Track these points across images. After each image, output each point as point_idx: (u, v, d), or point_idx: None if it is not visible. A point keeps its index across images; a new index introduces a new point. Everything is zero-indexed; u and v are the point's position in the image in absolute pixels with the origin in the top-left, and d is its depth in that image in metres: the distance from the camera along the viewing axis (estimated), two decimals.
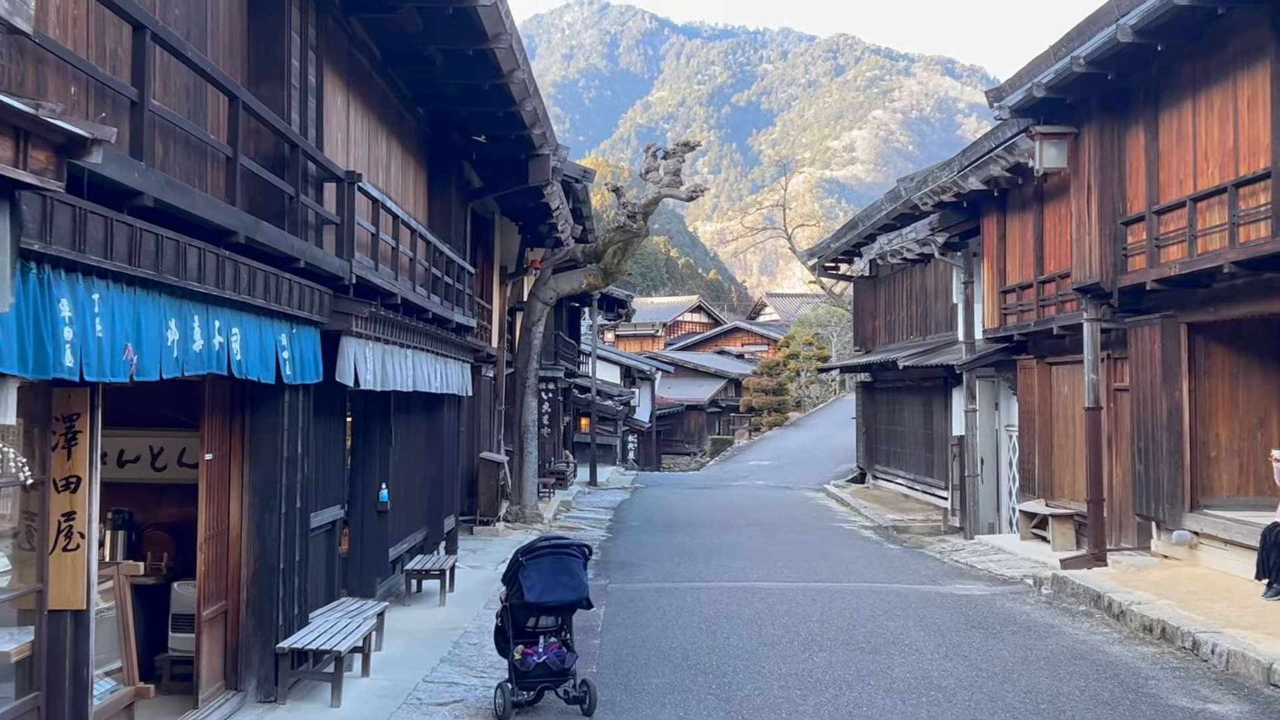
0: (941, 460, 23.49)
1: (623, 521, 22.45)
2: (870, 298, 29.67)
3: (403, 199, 12.78)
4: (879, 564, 16.13)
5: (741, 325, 79.66)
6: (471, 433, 19.69)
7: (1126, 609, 11.20)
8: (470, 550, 16.96)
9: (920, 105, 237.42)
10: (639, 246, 21.04)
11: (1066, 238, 15.35)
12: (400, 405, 12.54)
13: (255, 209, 7.59)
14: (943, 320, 23.67)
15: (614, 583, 14.26)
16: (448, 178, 14.22)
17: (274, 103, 7.77)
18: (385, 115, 11.96)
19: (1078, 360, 16.05)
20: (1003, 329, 17.68)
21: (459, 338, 14.38)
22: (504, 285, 20.46)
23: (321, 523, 9.59)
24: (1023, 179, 15.91)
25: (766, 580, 14.38)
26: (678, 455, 57.27)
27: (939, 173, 17.89)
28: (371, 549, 11.85)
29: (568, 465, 31.10)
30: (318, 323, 8.36)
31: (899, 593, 13.36)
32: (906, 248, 19.95)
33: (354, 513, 11.89)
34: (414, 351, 11.40)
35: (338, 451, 10.15)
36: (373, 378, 9.51)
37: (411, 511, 13.37)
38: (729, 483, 34.18)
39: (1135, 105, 12.99)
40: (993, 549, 17.15)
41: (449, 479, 14.79)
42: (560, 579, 7.75)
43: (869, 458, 30.11)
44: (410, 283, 11.30)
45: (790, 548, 17.95)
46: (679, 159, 20.23)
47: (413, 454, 13.40)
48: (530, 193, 15.90)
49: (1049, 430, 17.29)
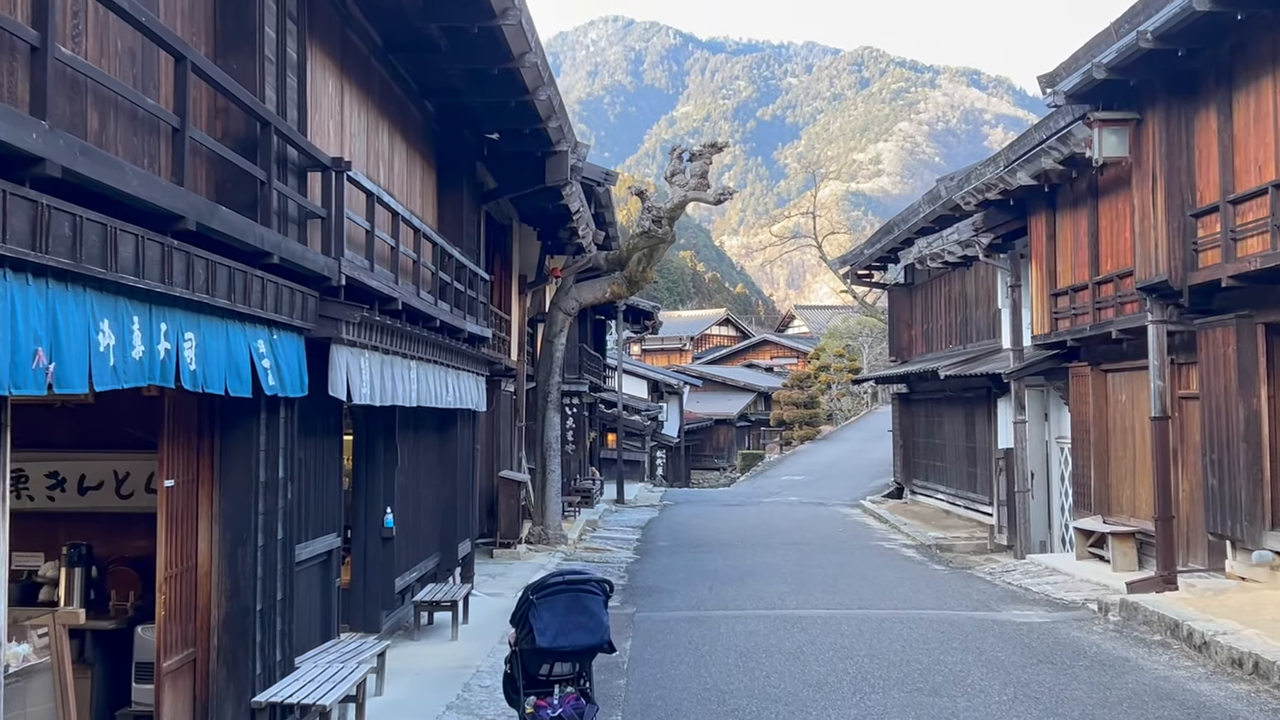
0: (985, 474, 22.34)
1: (651, 542, 21.40)
2: (906, 306, 28.55)
3: (408, 198, 11.82)
4: (926, 587, 15.01)
5: (770, 338, 78.43)
6: (491, 450, 18.72)
7: (1210, 640, 10.06)
8: (489, 576, 15.95)
9: (946, 117, 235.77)
10: (664, 253, 20.04)
11: (1126, 234, 14.24)
12: (407, 422, 11.56)
13: (224, 198, 6.63)
14: (984, 328, 22.54)
15: (642, 611, 13.22)
16: (459, 177, 13.26)
17: (245, 77, 6.81)
18: (387, 107, 11.01)
19: (1138, 366, 14.93)
20: (1054, 334, 16.55)
21: (473, 349, 13.40)
22: (523, 295, 19.49)
23: (313, 554, 8.61)
24: (1077, 172, 14.80)
25: (807, 607, 13.30)
26: (707, 470, 56.12)
27: (982, 169, 16.82)
28: (376, 579, 10.86)
29: (593, 483, 30.07)
30: (302, 329, 7.38)
31: (952, 621, 12.25)
32: (948, 250, 18.85)
33: (356, 540, 10.93)
34: (419, 363, 10.42)
35: (332, 474, 9.16)
36: (370, 391, 8.53)
37: (421, 537, 12.38)
38: (760, 499, 33.04)
39: (1205, 85, 11.88)
40: (1047, 569, 16.01)
41: (463, 500, 13.79)
42: (577, 619, 6.71)
43: (907, 472, 28.94)
44: (414, 287, 10.32)
45: (829, 570, 16.85)
46: (706, 161, 19.21)
47: (422, 474, 12.41)
48: (548, 194, 14.91)
49: (1105, 442, 16.14)
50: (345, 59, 9.53)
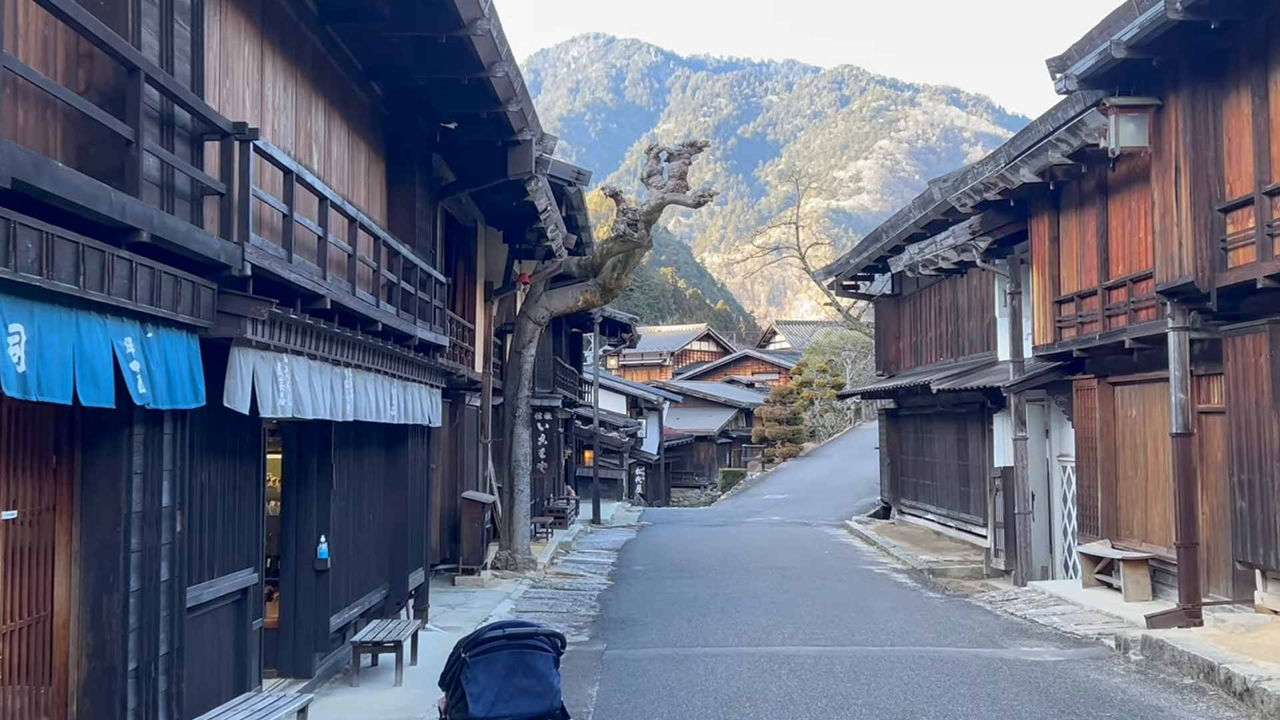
0: (979, 494, 21.16)
1: (626, 566, 20.11)
2: (893, 318, 27.39)
3: (349, 189, 10.57)
4: (923, 619, 13.78)
5: (751, 353, 77.26)
6: (454, 470, 17.43)
7: (1254, 687, 8.84)
8: (448, 607, 14.65)
9: (926, 135, 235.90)
10: (640, 259, 18.83)
11: (1141, 234, 13.09)
12: (346, 438, 10.28)
13: (88, 164, 5.38)
14: (978, 339, 21.40)
15: (613, 648, 11.95)
16: (410, 169, 12.00)
17: (113, 15, 5.56)
18: (323, 84, 9.76)
19: (1151, 379, 13.77)
20: (1058, 344, 15.37)
21: (426, 359, 12.14)
22: (489, 303, 18.22)
23: (219, 595, 7.33)
24: (1086, 167, 13.64)
25: (795, 643, 12.05)
26: (687, 488, 54.81)
27: (980, 168, 15.67)
28: (308, 618, 9.57)
29: (568, 502, 28.77)
30: (193, 326, 6.13)
31: (956, 660, 11.01)
32: (942, 256, 17.68)
33: (285, 574, 9.64)
34: (357, 372, 9.16)
35: (246, 499, 7.88)
36: (290, 403, 7.27)
37: (365, 567, 11.08)
38: (742, 519, 31.76)
39: (1237, 65, 10.73)
40: (1052, 598, 14.79)
41: (415, 525, 12.51)
42: (520, 682, 5.43)
43: (894, 491, 27.75)
44: (349, 285, 9.06)
45: (817, 598, 15.61)
46: (685, 161, 18.00)
47: (366, 498, 11.13)
48: (512, 190, 13.67)
49: (1113, 460, 14.97)
50: (267, 22, 8.29)
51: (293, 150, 8.86)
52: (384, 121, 11.80)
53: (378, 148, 11.67)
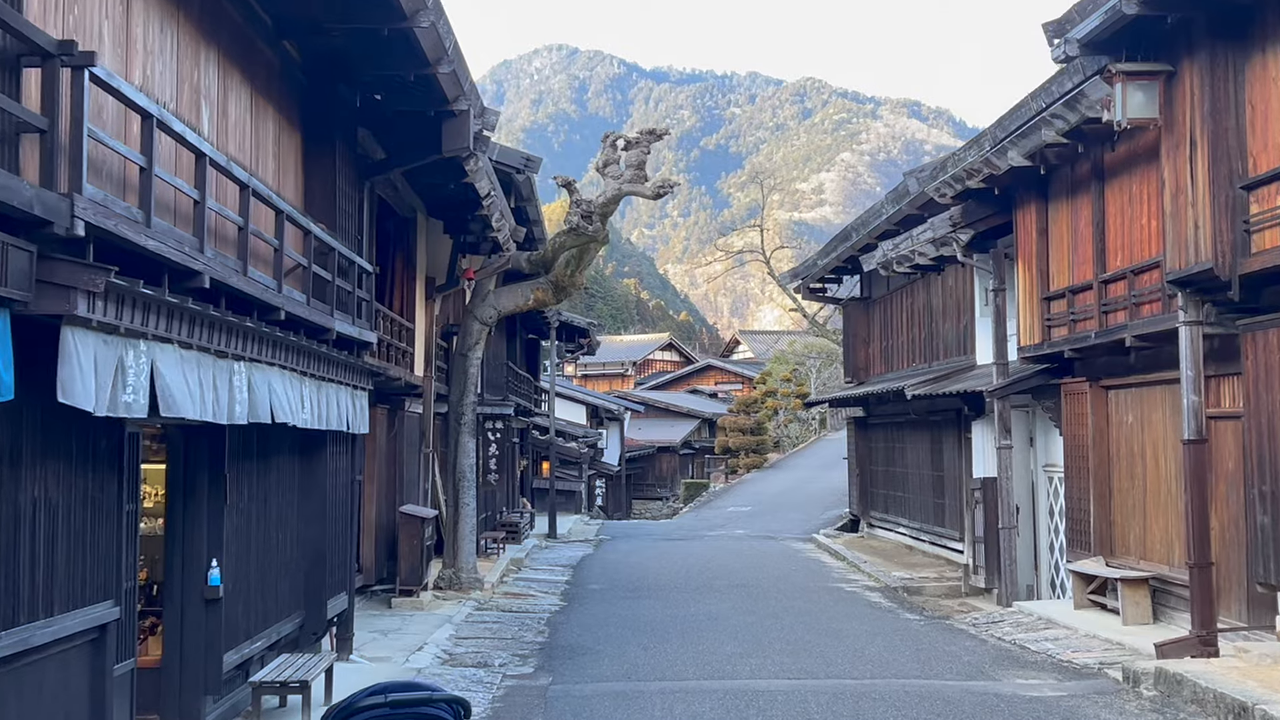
0: (954, 506, 19.97)
1: (581, 585, 18.74)
2: (863, 322, 26.19)
3: (254, 159, 9.17)
4: (903, 645, 12.51)
5: (714, 363, 76.05)
6: (392, 482, 16.02)
7: None
8: (379, 633, 13.23)
9: (888, 148, 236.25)
10: (595, 255, 17.50)
11: (1143, 220, 11.90)
12: (248, 446, 8.87)
13: None
14: (953, 343, 20.21)
15: (559, 682, 10.59)
16: (331, 143, 10.59)
17: None
18: (219, 35, 8.38)
19: (1151, 381, 12.60)
20: (1047, 344, 14.17)
21: (350, 357, 10.76)
22: (431, 300, 16.79)
23: (56, 637, 5.91)
24: (1083, 146, 12.44)
25: (764, 675, 10.73)
26: (649, 500, 53.41)
27: (962, 154, 14.46)
28: (196, 654, 8.15)
29: (521, 516, 27.33)
30: (3, 299, 4.75)
31: (945, 696, 9.73)
32: (919, 251, 16.45)
33: (168, 604, 8.21)
34: (254, 366, 7.77)
35: (103, 518, 6.47)
36: (137, 400, 5.85)
37: (273, 593, 9.66)
38: (705, 533, 30.43)
39: (1262, 24, 9.52)
40: (1041, 621, 13.57)
41: (338, 544, 11.10)
42: None
43: (864, 503, 26.52)
44: (240, 264, 7.66)
45: (786, 620, 14.31)
46: (643, 150, 16.66)
47: (275, 514, 9.71)
48: (451, 171, 12.30)
49: (1107, 470, 13.78)
50: None
51: (173, 105, 7.47)
52: (300, 89, 10.40)
53: (292, 117, 10.27)
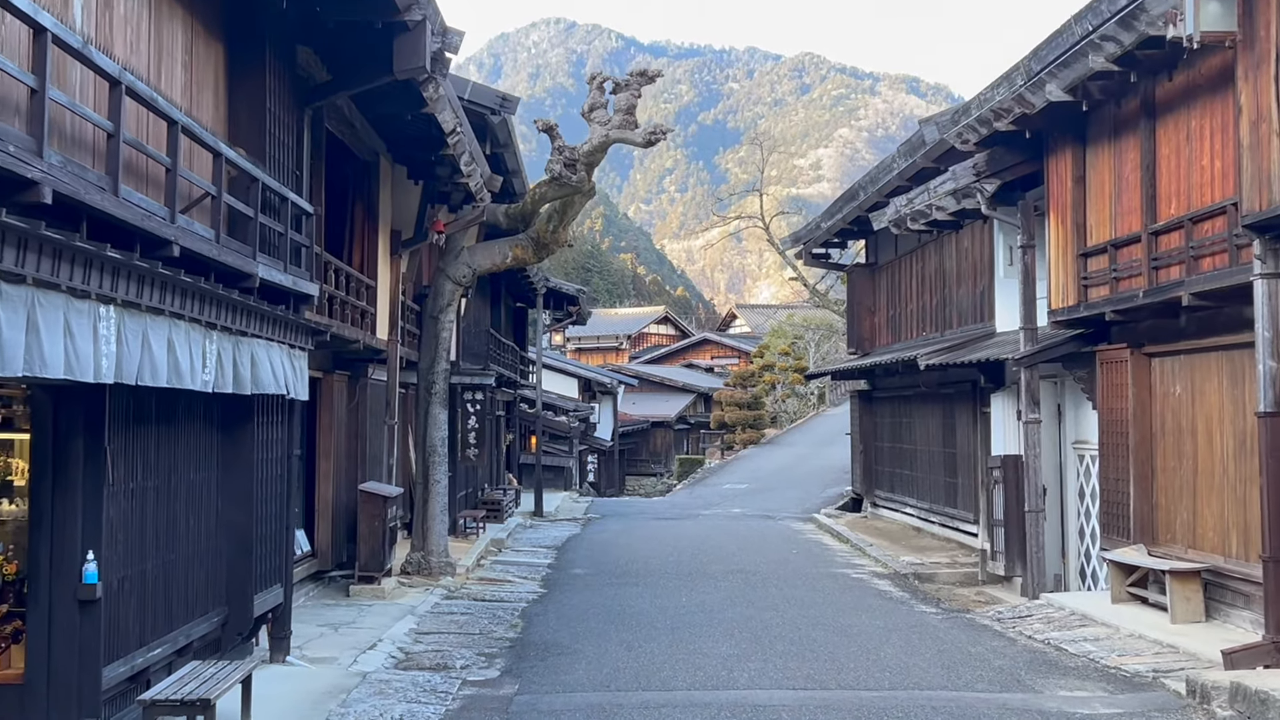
0: (968, 486, 18.45)
1: (564, 569, 17.23)
2: (868, 289, 24.61)
3: (159, 72, 7.57)
4: (922, 644, 11.00)
5: (710, 337, 74.47)
6: (353, 457, 14.48)
7: None
8: (329, 627, 11.72)
9: (886, 123, 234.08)
10: (581, 209, 15.88)
11: (1205, 160, 10.33)
12: (142, 412, 7.31)
13: None
14: (969, 310, 18.65)
15: (525, 690, 9.09)
16: (260, 59, 8.98)
17: None
18: None
19: (1207, 347, 11.05)
20: (1084, 306, 12.61)
21: (287, 312, 9.19)
22: (397, 256, 15.18)
23: None
24: (1136, 76, 10.84)
25: (764, 684, 9.22)
26: (643, 476, 51.94)
27: (989, 93, 12.85)
28: (67, 668, 6.60)
29: (505, 493, 25.78)
30: None
31: (979, 712, 8.22)
32: (936, 205, 14.86)
33: (33, 607, 6.66)
34: (129, 313, 6.20)
35: None
36: None
37: (177, 590, 8.10)
38: (700, 511, 28.92)
39: None
40: (1075, 617, 12.05)
41: (271, 529, 9.55)
42: None
43: (867, 481, 25.00)
44: (110, 179, 6.07)
45: (788, 613, 12.82)
46: (633, 93, 15.08)
47: (184, 495, 8.15)
48: (406, 98, 10.68)
49: (1149, 448, 12.24)
50: None
51: None
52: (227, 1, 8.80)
53: (212, 26, 8.67)
